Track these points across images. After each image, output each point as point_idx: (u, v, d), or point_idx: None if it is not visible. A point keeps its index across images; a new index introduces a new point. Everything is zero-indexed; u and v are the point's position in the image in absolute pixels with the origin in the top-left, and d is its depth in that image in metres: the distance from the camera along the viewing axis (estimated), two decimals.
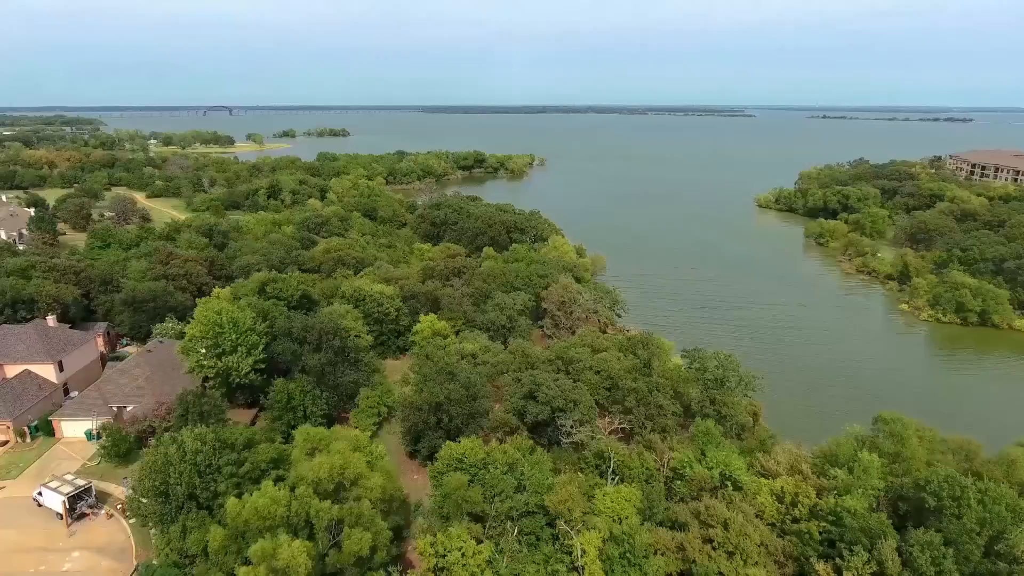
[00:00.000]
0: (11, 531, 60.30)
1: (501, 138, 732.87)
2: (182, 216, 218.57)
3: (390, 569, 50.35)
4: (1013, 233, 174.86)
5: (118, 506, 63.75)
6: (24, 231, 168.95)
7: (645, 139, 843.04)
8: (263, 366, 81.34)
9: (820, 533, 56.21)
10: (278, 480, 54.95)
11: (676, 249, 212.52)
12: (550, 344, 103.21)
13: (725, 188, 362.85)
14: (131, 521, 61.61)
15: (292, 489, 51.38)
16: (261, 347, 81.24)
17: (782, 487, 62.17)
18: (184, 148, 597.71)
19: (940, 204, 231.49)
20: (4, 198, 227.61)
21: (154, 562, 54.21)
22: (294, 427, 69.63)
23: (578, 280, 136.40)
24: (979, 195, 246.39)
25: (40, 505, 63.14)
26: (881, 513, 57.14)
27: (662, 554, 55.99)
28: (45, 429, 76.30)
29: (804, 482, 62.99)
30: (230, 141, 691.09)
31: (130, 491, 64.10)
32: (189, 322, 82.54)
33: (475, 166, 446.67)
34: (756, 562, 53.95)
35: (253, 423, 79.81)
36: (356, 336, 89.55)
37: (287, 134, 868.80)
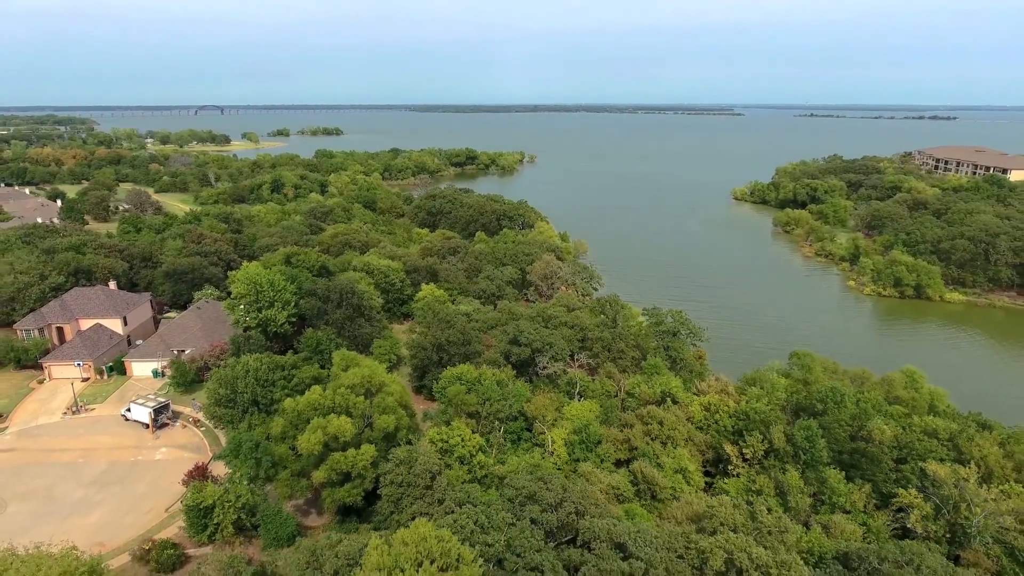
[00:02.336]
0: (108, 437, 77.33)
1: (492, 136, 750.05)
2: (188, 209, 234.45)
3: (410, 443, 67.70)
4: (952, 218, 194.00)
5: (190, 419, 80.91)
6: (55, 219, 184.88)
7: (634, 137, 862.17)
8: (294, 319, 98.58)
9: (732, 428, 74.08)
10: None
11: (655, 236, 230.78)
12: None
13: (706, 183, 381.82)
14: (201, 429, 78.80)
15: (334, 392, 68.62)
16: (292, 304, 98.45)
17: (709, 401, 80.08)
18: (182, 146, 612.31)
19: (897, 195, 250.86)
20: (28, 192, 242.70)
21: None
22: (322, 367, 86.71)
23: (560, 259, 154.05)
24: (934, 186, 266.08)
25: (127, 420, 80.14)
26: (777, 410, 75.19)
27: (613, 444, 73.66)
28: (118, 369, 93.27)
29: (727, 397, 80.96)
30: (226, 140, 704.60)
31: (199, 409, 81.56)
32: (225, 288, 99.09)
33: (467, 163, 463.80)
34: (682, 447, 71.75)
35: None
36: (369, 297, 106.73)
37: (281, 133, 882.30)
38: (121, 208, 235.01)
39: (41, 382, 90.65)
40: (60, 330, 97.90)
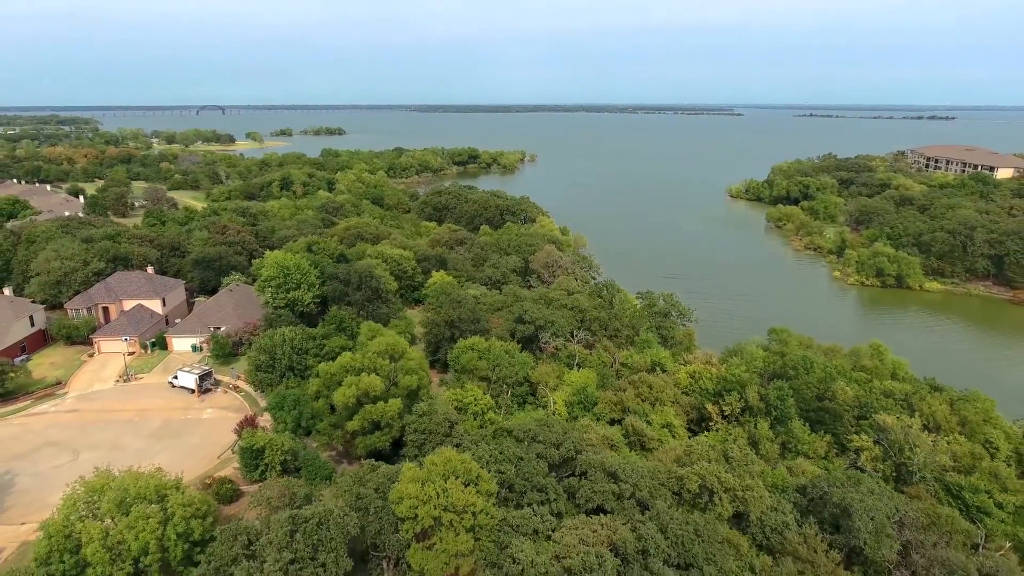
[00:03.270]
0: (159, 400, 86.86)
1: (493, 136, 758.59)
2: (201, 206, 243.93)
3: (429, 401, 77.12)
4: (935, 213, 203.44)
5: (230, 385, 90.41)
6: (81, 214, 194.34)
7: (633, 137, 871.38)
8: (319, 299, 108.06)
9: (713, 390, 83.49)
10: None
11: (652, 231, 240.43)
12: None
13: (704, 181, 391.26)
14: (240, 394, 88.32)
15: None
16: (316, 286, 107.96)
17: (694, 369, 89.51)
18: (187, 146, 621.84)
19: (885, 191, 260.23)
20: (48, 188, 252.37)
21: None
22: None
23: (560, 251, 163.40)
24: (922, 183, 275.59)
25: (174, 386, 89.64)
26: (754, 376, 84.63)
27: (607, 405, 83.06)
28: (160, 344, 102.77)
29: (710, 366, 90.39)
30: (231, 139, 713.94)
31: (237, 377, 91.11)
32: (249, 275, 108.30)
33: (469, 162, 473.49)
34: (668, 407, 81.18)
35: None
36: (386, 281, 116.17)
37: (284, 132, 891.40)
38: (137, 204, 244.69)
39: (91, 356, 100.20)
40: (106, 310, 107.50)
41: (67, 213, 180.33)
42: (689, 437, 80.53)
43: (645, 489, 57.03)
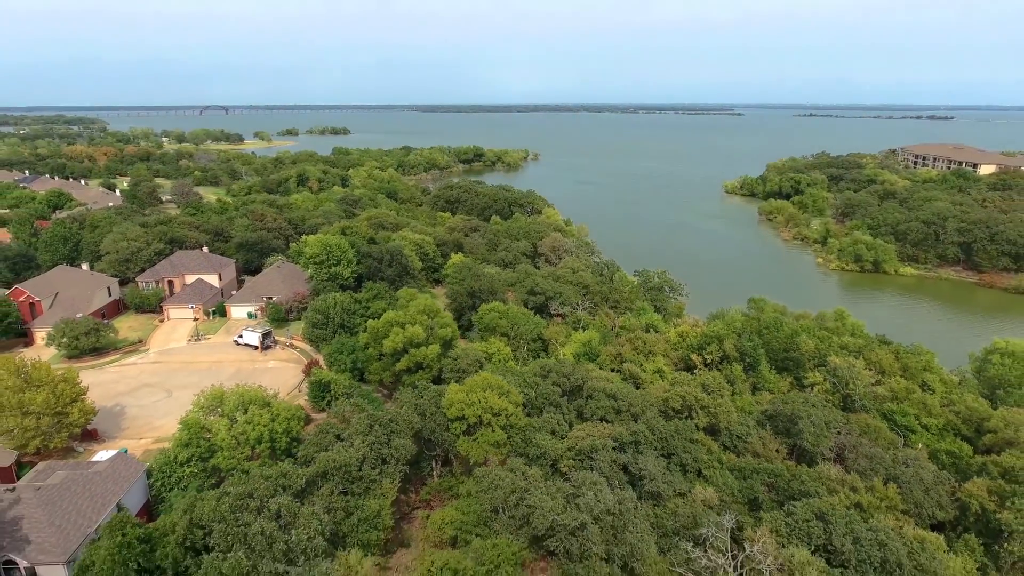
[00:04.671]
0: (228, 355, 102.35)
1: (496, 135, 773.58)
2: (230, 200, 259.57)
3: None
4: (912, 205, 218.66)
5: (287, 343, 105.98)
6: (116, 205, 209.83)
7: (634, 136, 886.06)
8: (355, 275, 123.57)
9: (697, 344, 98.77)
10: None
11: (650, 224, 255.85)
12: None
13: (702, 178, 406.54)
14: (296, 350, 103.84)
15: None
16: (353, 263, 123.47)
17: (682, 330, 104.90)
18: (197, 145, 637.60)
19: (871, 186, 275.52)
20: (83, 183, 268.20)
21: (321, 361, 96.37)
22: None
23: (565, 237, 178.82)
24: (907, 179, 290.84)
25: (238, 344, 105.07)
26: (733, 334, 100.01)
27: (608, 357, 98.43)
28: (220, 312, 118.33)
29: (696, 327, 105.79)
30: (240, 138, 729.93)
31: (291, 337, 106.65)
32: (287, 256, 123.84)
33: (474, 160, 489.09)
34: (659, 357, 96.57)
35: None
36: (412, 260, 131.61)
37: (290, 132, 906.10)
38: (165, 199, 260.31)
39: (161, 321, 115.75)
40: (171, 283, 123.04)
41: (111, 204, 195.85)
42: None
43: (638, 406, 72.52)
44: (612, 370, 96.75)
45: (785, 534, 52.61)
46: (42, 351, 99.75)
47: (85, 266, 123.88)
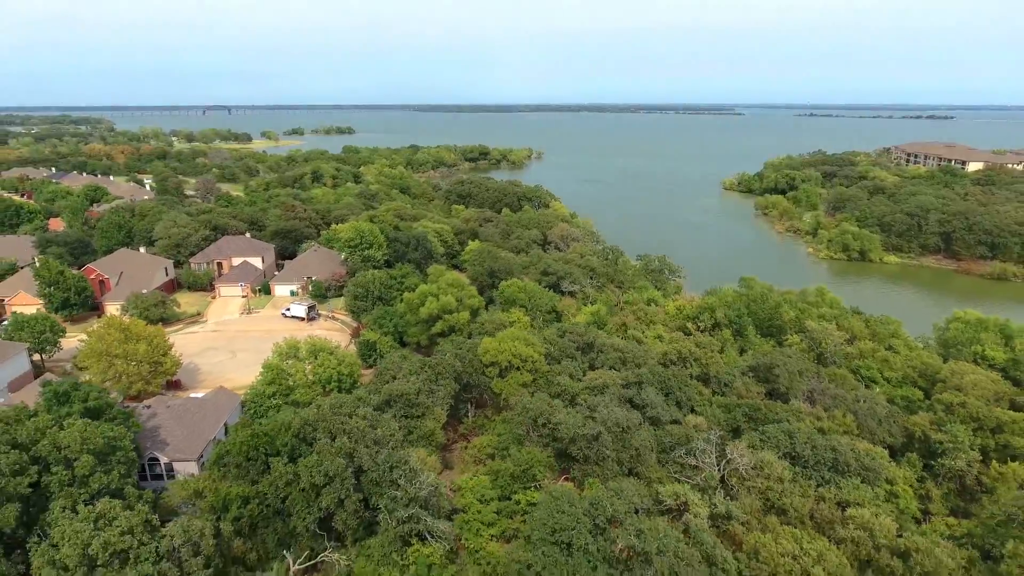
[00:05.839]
0: (278, 325, 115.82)
1: (498, 135, 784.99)
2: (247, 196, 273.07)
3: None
4: (899, 198, 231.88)
5: (329, 316, 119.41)
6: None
7: (635, 136, 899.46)
8: (386, 257, 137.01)
9: (692, 315, 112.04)
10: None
11: (651, 219, 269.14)
12: None
13: (701, 176, 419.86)
14: (338, 321, 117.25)
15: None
16: (384, 246, 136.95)
17: (679, 304, 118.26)
18: (207, 144, 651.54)
19: (862, 182, 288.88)
20: (112, 179, 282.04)
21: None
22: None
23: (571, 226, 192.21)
24: (896, 175, 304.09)
25: (286, 316, 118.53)
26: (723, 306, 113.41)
27: (614, 327, 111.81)
28: (264, 290, 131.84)
29: (692, 301, 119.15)
30: (248, 138, 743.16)
31: (332, 310, 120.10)
32: (319, 242, 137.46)
33: (480, 158, 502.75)
34: (659, 326, 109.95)
35: None
36: (435, 245, 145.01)
37: (296, 132, 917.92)
38: (189, 194, 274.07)
39: (214, 298, 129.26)
40: (219, 264, 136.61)
41: (145, 197, 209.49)
42: None
43: (641, 358, 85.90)
44: (618, 337, 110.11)
45: (758, 445, 65.95)
46: None
47: (143, 249, 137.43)
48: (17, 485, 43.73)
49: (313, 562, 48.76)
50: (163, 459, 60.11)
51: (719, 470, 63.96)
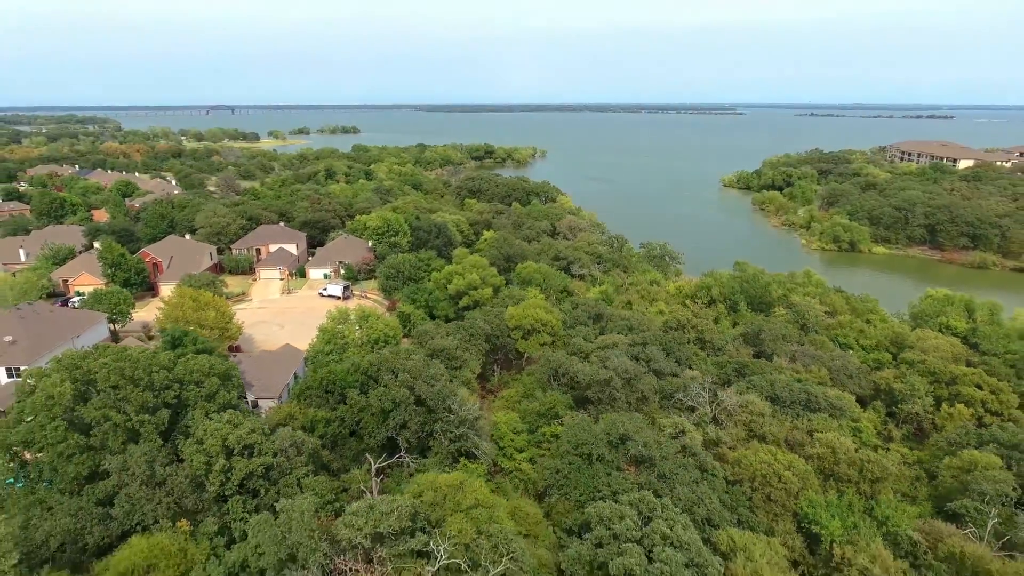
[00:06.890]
0: (316, 303, 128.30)
1: (501, 135, 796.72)
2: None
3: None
4: (888, 193, 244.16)
5: (362, 295, 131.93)
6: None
7: (637, 135, 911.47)
8: (410, 243, 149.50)
9: (693, 295, 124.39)
10: None
11: (652, 215, 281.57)
12: None
13: (702, 173, 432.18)
14: (371, 299, 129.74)
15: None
16: (408, 234, 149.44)
17: (679, 285, 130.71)
18: (217, 143, 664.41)
19: (855, 178, 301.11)
20: (137, 175, 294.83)
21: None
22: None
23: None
24: (888, 172, 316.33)
25: (323, 296, 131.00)
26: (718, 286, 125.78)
27: (620, 304, 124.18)
28: (300, 274, 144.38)
29: (691, 282, 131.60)
30: (256, 137, 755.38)
31: (364, 290, 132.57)
32: (345, 231, 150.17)
33: (485, 157, 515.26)
34: (660, 303, 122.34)
35: None
36: (453, 234, 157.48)
37: (302, 131, 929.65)
38: (211, 190, 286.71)
39: (255, 280, 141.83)
40: (258, 250, 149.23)
41: (176, 192, 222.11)
42: None
43: (645, 325, 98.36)
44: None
45: (744, 391, 78.39)
46: None
47: (188, 236, 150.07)
48: (167, 396, 56.18)
49: (388, 462, 60.96)
50: (251, 396, 72.50)
51: (711, 410, 76.41)
